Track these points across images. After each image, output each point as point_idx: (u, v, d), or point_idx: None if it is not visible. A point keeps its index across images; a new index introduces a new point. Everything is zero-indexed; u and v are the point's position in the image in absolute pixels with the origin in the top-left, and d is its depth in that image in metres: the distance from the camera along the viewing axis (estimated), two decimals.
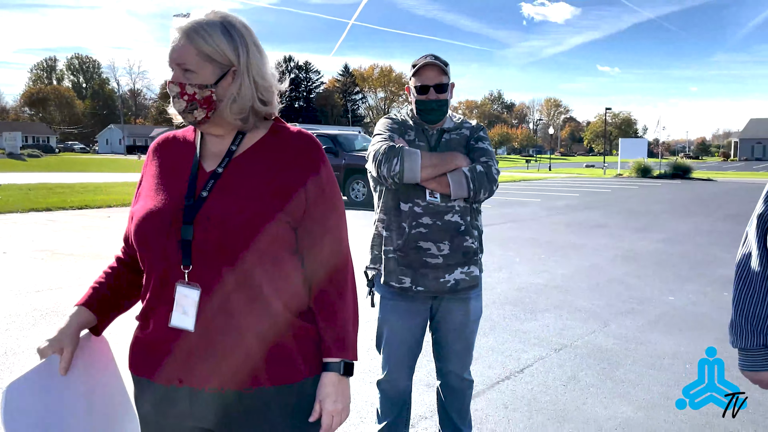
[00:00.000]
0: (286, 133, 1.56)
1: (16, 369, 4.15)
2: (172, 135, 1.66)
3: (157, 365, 1.48)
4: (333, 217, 1.54)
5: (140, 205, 1.52)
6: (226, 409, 1.47)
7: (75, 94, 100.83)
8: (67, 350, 1.52)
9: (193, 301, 1.42)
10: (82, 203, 14.70)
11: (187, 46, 1.45)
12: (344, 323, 1.55)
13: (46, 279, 6.87)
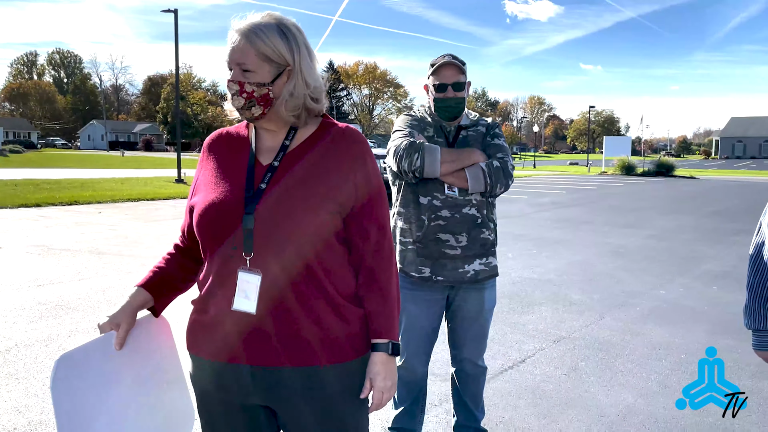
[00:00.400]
0: (335, 128, 1.66)
1: (38, 357, 4.21)
2: (225, 131, 1.76)
3: (218, 346, 1.58)
4: (379, 207, 1.64)
5: (201, 198, 1.61)
6: (284, 387, 1.56)
7: (56, 89, 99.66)
8: (122, 327, 1.61)
9: (254, 286, 1.52)
10: (71, 199, 14.65)
11: (246, 47, 1.54)
12: (391, 307, 1.65)
13: (45, 274, 6.89)
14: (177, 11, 23.44)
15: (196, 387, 1.67)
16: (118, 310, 1.63)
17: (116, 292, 6.15)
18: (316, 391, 1.57)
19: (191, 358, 1.66)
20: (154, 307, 1.71)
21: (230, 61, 1.57)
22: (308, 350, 1.55)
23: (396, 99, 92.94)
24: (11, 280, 6.56)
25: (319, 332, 1.56)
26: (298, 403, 1.58)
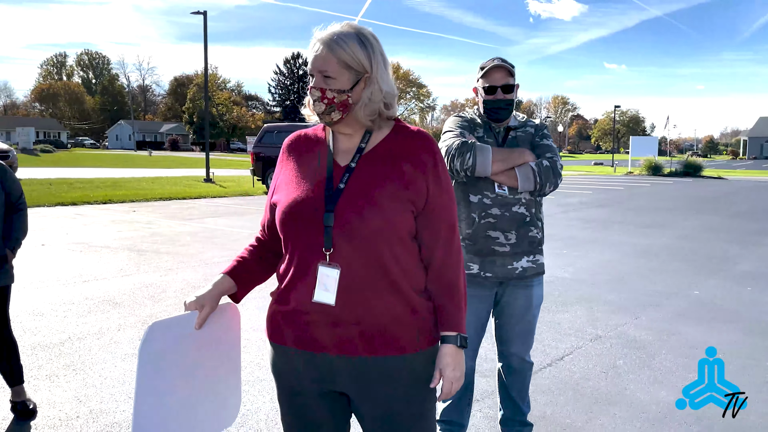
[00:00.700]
0: (407, 131, 1.76)
1: (93, 346, 4.38)
2: (303, 133, 1.87)
3: (299, 335, 1.69)
4: (448, 205, 1.74)
5: (284, 196, 1.72)
6: (360, 375, 1.67)
7: (85, 89, 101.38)
8: (206, 309, 1.73)
9: (333, 279, 1.63)
10: (105, 198, 14.97)
11: (328, 56, 1.65)
12: (459, 302, 1.74)
13: (89, 270, 7.10)
14: (206, 13, 23.76)
15: (276, 374, 1.78)
16: (205, 292, 1.74)
17: (158, 288, 6.33)
18: (389, 380, 1.67)
19: (272, 346, 1.77)
20: (236, 294, 1.82)
21: (312, 68, 1.68)
22: (383, 341, 1.65)
23: (419, 99, 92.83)
24: (57, 275, 6.77)
25: (393, 324, 1.66)
26: (373, 390, 1.68)
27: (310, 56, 1.69)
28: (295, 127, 19.44)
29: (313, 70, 1.68)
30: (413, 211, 1.67)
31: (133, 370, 4.05)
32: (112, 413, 3.47)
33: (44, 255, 7.62)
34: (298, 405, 1.77)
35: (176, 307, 5.64)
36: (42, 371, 4.04)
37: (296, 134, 1.88)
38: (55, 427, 3.30)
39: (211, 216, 12.64)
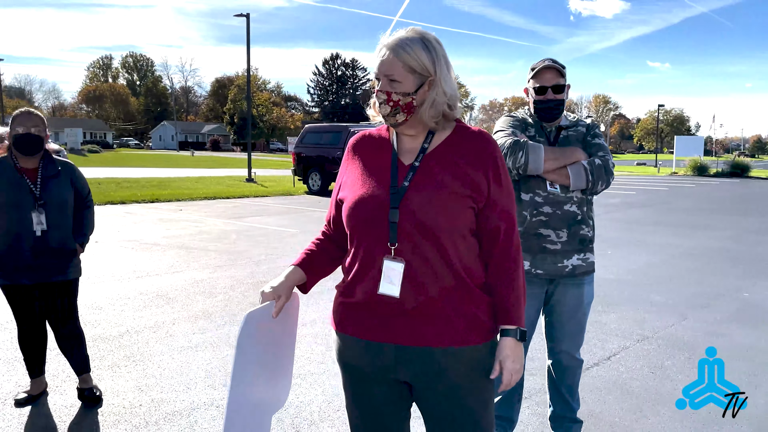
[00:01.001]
0: (468, 132, 1.84)
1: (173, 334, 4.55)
2: (367, 133, 1.95)
3: (365, 326, 1.78)
4: (508, 203, 1.81)
5: (350, 193, 1.81)
6: (423, 365, 1.74)
7: (129, 91, 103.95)
8: (282, 299, 1.83)
9: (398, 272, 1.71)
10: (152, 197, 15.39)
11: (394, 60, 1.73)
12: (518, 296, 1.80)
13: (141, 266, 7.35)
14: (249, 15, 24.15)
15: (342, 363, 1.87)
16: (280, 283, 1.84)
17: (208, 284, 6.52)
18: (451, 370, 1.74)
19: (338, 336, 1.86)
20: (304, 284, 1.92)
21: (378, 72, 1.77)
22: (446, 332, 1.73)
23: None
24: (112, 271, 7.03)
25: (454, 316, 1.73)
26: (434, 380, 1.75)
27: (376, 61, 1.77)
28: (334, 128, 19.65)
29: (379, 74, 1.76)
30: (474, 208, 1.75)
31: (188, 362, 4.22)
32: (172, 402, 3.62)
33: (99, 251, 7.90)
34: (362, 393, 1.85)
35: (226, 303, 5.81)
36: (104, 362, 4.23)
37: (361, 134, 1.96)
38: (119, 414, 3.47)
39: (255, 215, 12.89)
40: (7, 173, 3.43)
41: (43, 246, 3.43)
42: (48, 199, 3.45)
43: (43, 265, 3.44)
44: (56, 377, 3.92)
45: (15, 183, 3.41)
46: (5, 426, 3.29)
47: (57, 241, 3.48)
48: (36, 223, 3.41)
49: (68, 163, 3.65)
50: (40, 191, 3.45)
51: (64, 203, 3.53)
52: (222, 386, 3.86)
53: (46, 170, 3.52)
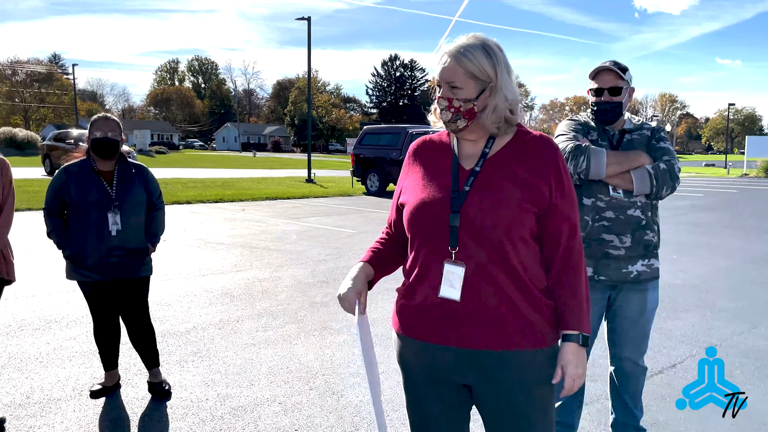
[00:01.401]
0: (529, 136, 1.84)
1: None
2: (428, 138, 1.98)
3: (425, 328, 1.80)
4: (570, 207, 1.81)
5: (411, 198, 1.85)
6: (483, 368, 1.76)
7: (195, 94, 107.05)
8: (363, 294, 1.88)
9: (459, 276, 1.74)
10: (216, 197, 15.84)
11: (455, 67, 1.75)
12: (580, 301, 1.80)
13: (207, 265, 7.60)
14: (310, 18, 24.53)
15: (402, 364, 1.91)
16: (354, 280, 1.87)
17: (270, 283, 6.69)
18: (511, 375, 1.75)
19: (399, 338, 1.89)
20: (370, 281, 1.96)
21: (440, 79, 1.79)
22: (506, 336, 1.74)
23: None
24: (179, 269, 7.29)
25: (515, 320, 1.74)
26: (494, 384, 1.77)
27: (438, 68, 1.79)
28: (393, 129, 19.73)
29: (440, 81, 1.79)
30: (535, 213, 1.75)
31: (252, 359, 4.36)
32: (237, 397, 3.75)
33: (167, 250, 8.21)
34: (422, 394, 1.88)
35: (288, 301, 5.95)
36: (173, 357, 4.41)
37: (421, 139, 2.00)
38: (187, 407, 3.61)
39: (315, 215, 13.09)
40: (86, 175, 3.61)
41: (118, 245, 3.60)
42: (122, 201, 3.62)
43: (117, 263, 3.62)
44: (128, 370, 4.11)
45: (94, 185, 3.59)
46: (81, 416, 3.48)
47: (130, 241, 3.65)
48: (111, 224, 3.58)
49: (141, 166, 3.83)
50: (116, 193, 3.62)
51: (137, 204, 3.69)
52: (284, 383, 3.97)
53: (121, 173, 3.69)
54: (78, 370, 4.12)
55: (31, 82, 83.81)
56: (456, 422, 1.90)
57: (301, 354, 4.51)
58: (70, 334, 4.84)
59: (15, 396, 3.69)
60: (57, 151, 22.56)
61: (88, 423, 3.40)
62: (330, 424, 3.43)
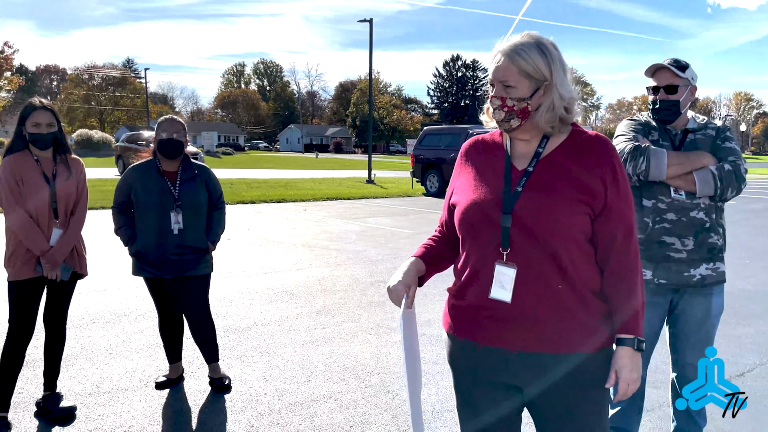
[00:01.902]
0: (584, 136, 1.81)
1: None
2: (480, 138, 1.98)
3: (476, 329, 1.80)
4: (626, 209, 1.76)
5: (462, 198, 1.84)
6: (535, 371, 1.74)
7: (260, 96, 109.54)
8: (412, 289, 1.88)
9: (510, 278, 1.72)
10: (279, 197, 16.17)
11: (509, 66, 1.74)
12: (636, 305, 1.76)
13: (268, 263, 7.77)
14: (372, 20, 24.71)
15: (453, 364, 1.91)
16: (406, 275, 1.88)
17: (329, 281, 6.79)
18: (563, 377, 1.72)
19: (449, 338, 1.89)
20: (422, 277, 1.96)
21: (493, 78, 1.78)
22: (557, 339, 1.71)
23: (582, 98, 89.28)
24: (242, 267, 7.49)
25: (568, 323, 1.71)
26: (546, 386, 1.74)
27: (491, 67, 1.78)
28: (453, 130, 19.63)
29: (494, 80, 1.78)
30: (589, 214, 1.72)
31: (309, 356, 4.44)
32: (294, 393, 3.83)
33: (230, 248, 8.43)
34: (472, 395, 1.88)
35: (346, 300, 6.02)
36: (234, 351, 4.54)
37: (474, 139, 1.99)
38: (246, 401, 3.72)
39: (374, 215, 13.18)
40: (152, 175, 3.76)
41: (180, 243, 3.73)
42: (184, 201, 3.75)
43: (179, 261, 3.75)
44: (192, 363, 4.26)
45: (158, 185, 3.74)
46: (147, 406, 3.63)
47: (192, 239, 3.77)
48: (174, 222, 3.71)
49: (204, 167, 3.95)
50: (178, 193, 3.75)
51: (198, 204, 3.81)
52: (340, 380, 4.03)
53: (185, 173, 3.82)
54: (144, 362, 4.30)
55: (107, 86, 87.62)
56: (506, 424, 1.88)
57: (358, 352, 4.56)
58: (138, 327, 5.05)
59: (86, 385, 3.89)
60: (129, 152, 23.55)
61: (153, 413, 3.54)
62: (384, 422, 3.46)
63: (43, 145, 3.34)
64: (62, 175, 3.42)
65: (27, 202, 3.30)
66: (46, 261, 3.30)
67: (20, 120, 3.34)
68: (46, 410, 3.44)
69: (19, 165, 3.31)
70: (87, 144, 45.21)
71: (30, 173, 3.32)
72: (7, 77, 31.96)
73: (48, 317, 3.48)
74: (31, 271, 3.31)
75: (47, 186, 3.35)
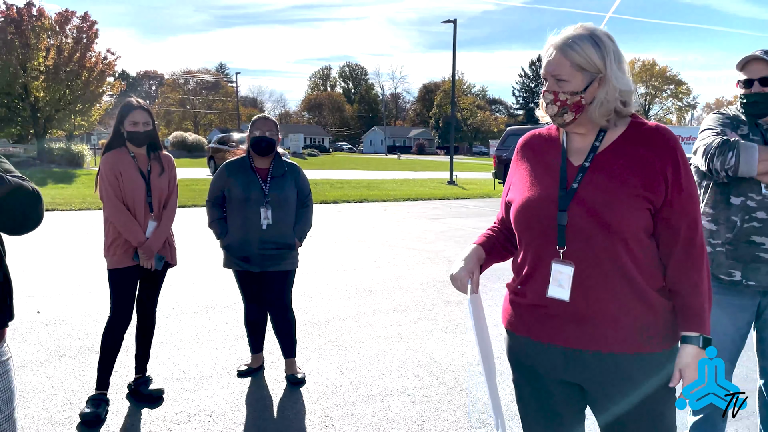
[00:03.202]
0: (645, 128, 1.73)
1: None
2: (537, 133, 1.94)
3: (534, 327, 1.78)
4: (689, 203, 1.68)
5: (518, 195, 1.82)
6: (594, 369, 1.71)
7: (345, 99, 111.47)
8: (476, 274, 1.87)
9: (567, 276, 1.69)
10: (361, 197, 16.41)
11: (561, 59, 1.69)
12: (701, 302, 1.69)
13: (348, 261, 7.92)
14: (456, 21, 24.64)
15: (513, 360, 1.90)
16: (467, 261, 1.87)
17: (406, 280, 6.84)
18: (624, 377, 1.68)
19: (508, 334, 1.88)
20: (482, 264, 1.95)
21: (545, 73, 1.74)
22: (617, 337, 1.67)
23: (677, 97, 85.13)
24: (324, 264, 7.67)
25: (628, 321, 1.67)
26: (607, 385, 1.71)
27: (544, 61, 1.75)
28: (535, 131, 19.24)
29: (546, 74, 1.74)
30: (649, 209, 1.66)
31: (384, 351, 4.50)
32: (369, 386, 3.90)
33: (313, 246, 8.66)
34: (533, 391, 1.87)
35: (422, 298, 6.05)
36: (312, 344, 4.66)
37: (530, 134, 1.95)
38: (322, 392, 3.81)
39: (454, 216, 13.14)
40: (245, 172, 3.89)
41: (268, 239, 3.84)
42: (274, 197, 3.85)
43: (266, 256, 3.85)
44: (272, 354, 4.41)
45: (250, 181, 3.86)
46: (228, 393, 3.80)
47: (279, 236, 3.86)
48: (263, 218, 3.82)
49: (294, 165, 4.04)
50: (269, 189, 3.85)
51: (287, 201, 3.90)
52: (414, 376, 4.06)
53: (275, 170, 3.93)
54: (228, 352, 4.49)
55: (200, 90, 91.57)
56: (567, 420, 1.86)
57: (433, 349, 4.58)
58: (223, 318, 5.28)
59: (174, 371, 4.11)
60: (220, 153, 24.55)
61: (234, 400, 3.70)
62: (456, 419, 3.46)
63: (139, 142, 3.55)
64: (156, 171, 3.63)
65: (125, 196, 3.52)
66: (143, 251, 3.51)
67: (119, 119, 3.56)
68: (137, 392, 3.67)
69: (117, 161, 3.54)
70: (181, 146, 47.46)
71: (127, 169, 3.54)
72: (109, 82, 33.92)
73: (140, 304, 3.70)
74: (129, 260, 3.53)
75: (143, 181, 3.56)
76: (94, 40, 31.85)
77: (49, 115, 30.70)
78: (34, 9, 29.85)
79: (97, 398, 3.48)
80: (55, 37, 31.01)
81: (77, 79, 30.89)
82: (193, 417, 3.45)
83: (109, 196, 3.50)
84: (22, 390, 3.68)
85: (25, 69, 29.19)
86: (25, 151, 32.73)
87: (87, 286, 6.25)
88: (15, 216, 1.65)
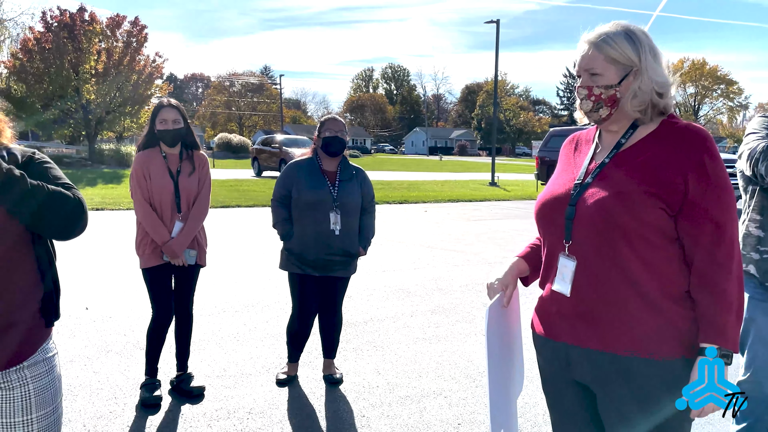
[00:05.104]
0: (674, 127, 1.68)
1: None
2: (579, 134, 1.96)
3: (545, 323, 1.81)
4: (716, 206, 1.59)
5: (544, 191, 1.86)
6: (594, 368, 1.68)
7: (387, 100, 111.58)
8: (510, 288, 1.88)
9: (570, 270, 1.69)
10: (401, 198, 16.45)
11: (594, 54, 1.69)
12: (723, 311, 1.58)
13: (387, 262, 7.95)
14: (498, 21, 24.45)
15: (538, 363, 1.91)
16: (505, 274, 1.89)
17: (445, 281, 6.83)
18: (624, 380, 1.63)
19: (532, 333, 1.91)
20: (527, 277, 1.96)
21: (579, 69, 1.74)
22: (617, 338, 1.63)
23: (727, 97, 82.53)
24: (362, 265, 7.61)
25: (630, 323, 1.62)
26: (608, 387, 1.67)
27: (578, 58, 1.74)
28: (581, 130, 18.94)
29: (580, 70, 1.73)
30: (664, 209, 1.60)
31: (422, 353, 4.51)
32: (405, 387, 3.91)
33: None
34: (550, 390, 1.88)
35: (461, 300, 6.04)
36: (350, 344, 4.70)
37: (572, 135, 1.99)
38: (359, 392, 3.85)
39: (494, 218, 13.05)
40: (314, 174, 3.77)
41: (335, 245, 3.73)
42: (342, 202, 3.74)
43: (331, 261, 3.76)
44: (310, 354, 4.46)
45: (319, 184, 3.74)
46: (267, 390, 3.85)
47: (346, 242, 3.77)
48: (333, 223, 3.69)
49: (360, 169, 3.94)
50: (337, 193, 3.74)
51: (354, 206, 3.80)
52: (450, 378, 4.06)
53: (343, 174, 3.83)
54: (268, 350, 4.56)
55: (245, 92, 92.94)
56: (579, 422, 1.83)
57: (470, 352, 4.57)
58: (264, 317, 5.37)
59: (214, 368, 4.20)
60: (264, 155, 24.91)
61: (273, 397, 3.76)
62: None
63: (169, 140, 3.60)
64: (186, 170, 3.67)
65: (153, 196, 3.59)
66: (166, 251, 3.57)
67: (151, 118, 3.63)
68: (179, 388, 3.76)
69: (147, 160, 3.61)
70: (226, 147, 48.34)
71: (156, 168, 3.60)
72: (157, 84, 34.76)
73: (176, 301, 3.77)
74: (159, 259, 3.61)
75: (171, 181, 3.61)
76: (144, 43, 32.70)
77: (99, 117, 31.62)
78: (86, 14, 30.82)
79: (150, 383, 3.67)
80: (106, 41, 31.95)
81: (127, 81, 31.77)
82: (233, 414, 3.52)
83: (136, 195, 3.59)
84: (69, 384, 3.81)
85: (77, 72, 30.13)
86: (78, 152, 33.81)
87: (133, 283, 6.43)
88: (57, 222, 1.72)
